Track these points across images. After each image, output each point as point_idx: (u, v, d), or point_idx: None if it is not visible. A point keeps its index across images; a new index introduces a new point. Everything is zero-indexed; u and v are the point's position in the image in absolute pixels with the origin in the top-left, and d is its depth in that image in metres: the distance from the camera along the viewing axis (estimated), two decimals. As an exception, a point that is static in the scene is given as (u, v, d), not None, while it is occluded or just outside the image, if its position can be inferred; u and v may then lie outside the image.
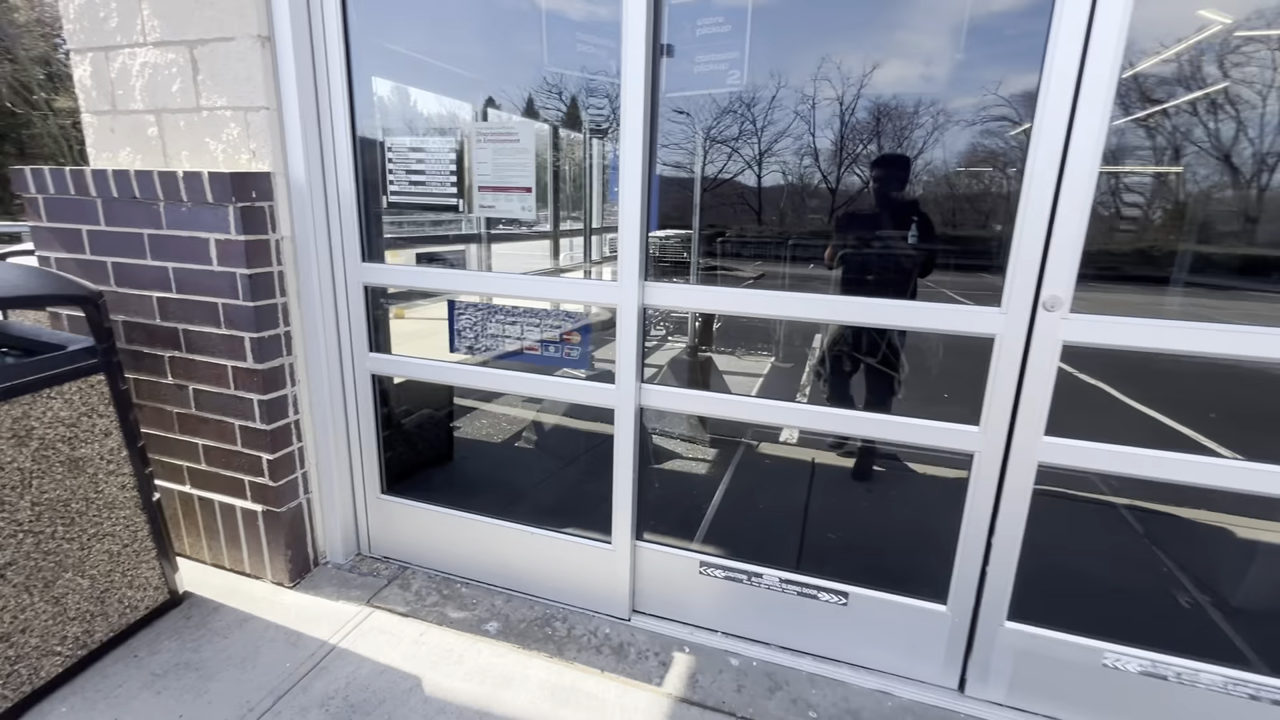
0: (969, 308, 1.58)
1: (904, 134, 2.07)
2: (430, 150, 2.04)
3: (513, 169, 1.95)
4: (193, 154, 2.15)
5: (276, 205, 2.09)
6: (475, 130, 1.96)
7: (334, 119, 2.09)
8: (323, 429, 2.33)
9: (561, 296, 1.97)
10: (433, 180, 2.06)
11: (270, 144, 2.04)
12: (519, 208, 1.97)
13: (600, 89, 2.27)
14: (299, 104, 2.03)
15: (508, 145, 1.93)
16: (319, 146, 2.12)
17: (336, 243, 2.20)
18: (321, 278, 2.20)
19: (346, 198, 2.15)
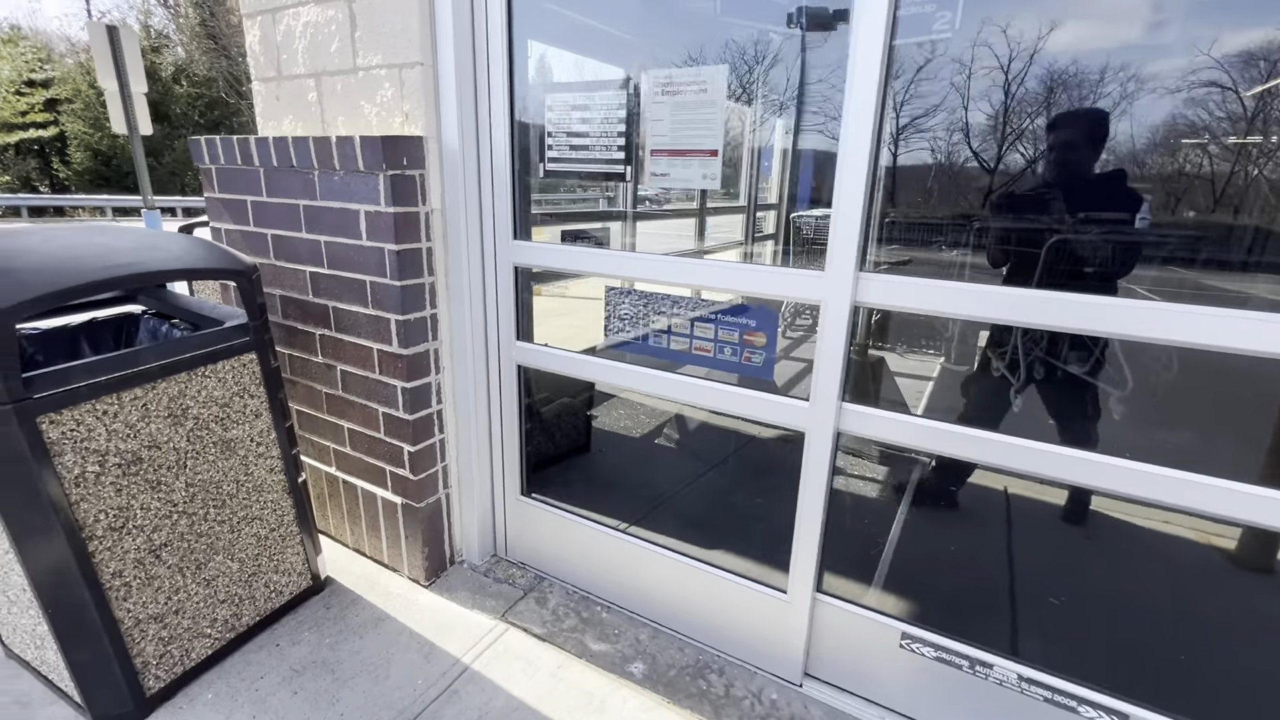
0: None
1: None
2: (596, 106, 1.71)
3: (696, 127, 1.57)
4: (348, 119, 2.01)
5: (428, 174, 1.88)
6: (653, 81, 1.59)
7: (491, 75, 1.83)
8: (465, 422, 2.15)
9: (750, 288, 1.58)
10: (597, 144, 1.74)
11: (423, 105, 1.82)
12: (700, 175, 1.59)
13: (778, 45, 1.81)
14: (455, 58, 1.79)
15: (692, 98, 1.55)
16: (474, 107, 1.88)
17: (488, 217, 1.96)
18: (470, 256, 1.98)
19: (500, 166, 1.89)
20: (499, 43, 1.79)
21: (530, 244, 1.93)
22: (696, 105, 1.56)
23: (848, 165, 1.36)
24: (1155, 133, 1.66)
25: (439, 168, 1.91)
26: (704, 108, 1.55)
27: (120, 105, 4.78)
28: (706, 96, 1.54)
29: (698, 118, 1.56)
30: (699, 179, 1.59)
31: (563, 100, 1.78)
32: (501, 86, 1.82)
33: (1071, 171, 1.62)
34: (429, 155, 1.87)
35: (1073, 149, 1.59)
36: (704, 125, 1.56)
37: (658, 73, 1.60)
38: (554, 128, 1.82)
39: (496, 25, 1.78)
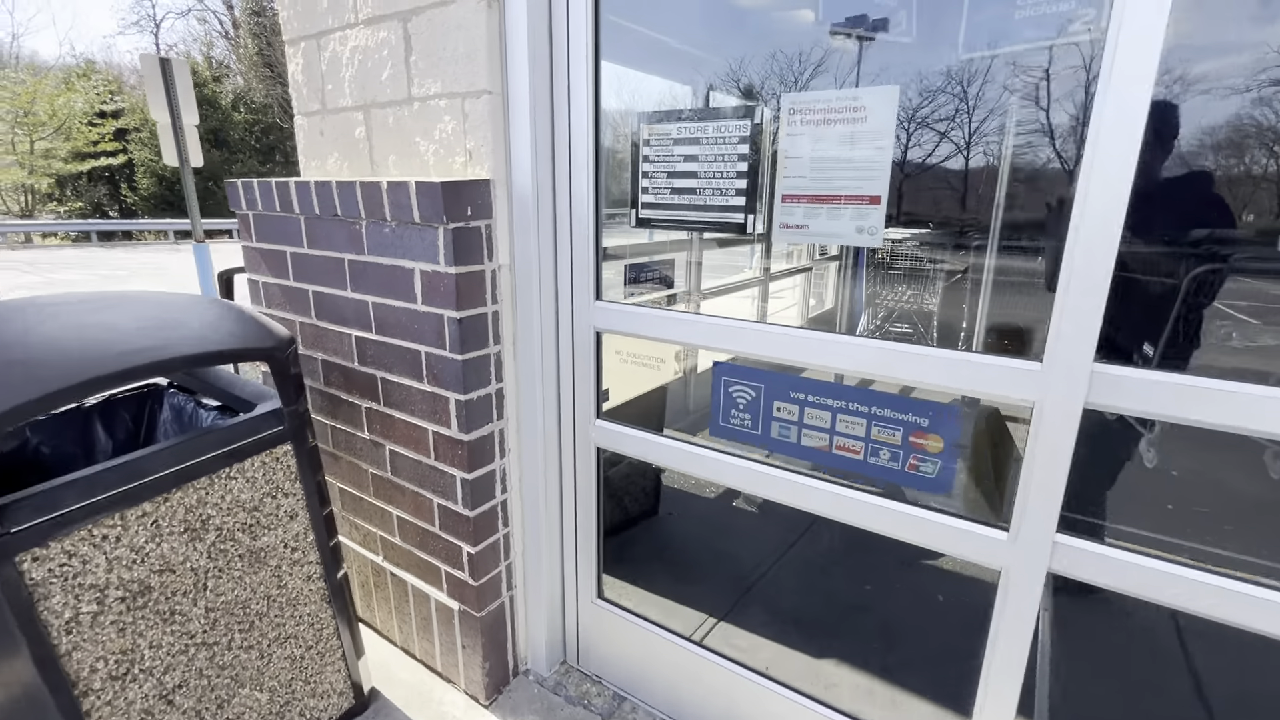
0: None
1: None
2: (709, 140, 1.35)
3: (849, 167, 1.19)
4: (400, 159, 1.70)
5: (495, 225, 1.55)
6: (790, 107, 1.22)
7: (572, 104, 1.49)
8: (533, 513, 1.80)
9: (921, 377, 1.18)
10: (708, 187, 1.37)
11: (491, 141, 1.50)
12: (852, 228, 1.21)
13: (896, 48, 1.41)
14: (529, 84, 1.46)
15: (844, 129, 1.17)
16: (550, 144, 1.55)
17: (565, 273, 1.62)
18: (544, 320, 1.64)
19: (582, 214, 1.55)
20: (582, 63, 1.45)
21: (615, 305, 1.58)
22: (851, 138, 1.18)
23: (1100, 195, 0.95)
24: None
25: (508, 217, 1.58)
26: (862, 141, 1.17)
27: (172, 137, 4.72)
28: (866, 127, 1.16)
29: (853, 155, 1.18)
30: (850, 233, 1.21)
31: (663, 133, 1.42)
32: (585, 117, 1.48)
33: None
34: (496, 202, 1.54)
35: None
36: (861, 165, 1.18)
37: (797, 97, 1.23)
38: (651, 166, 1.46)
39: (580, 42, 1.44)
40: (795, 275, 4.86)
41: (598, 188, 1.53)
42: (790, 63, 1.50)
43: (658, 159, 1.45)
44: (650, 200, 1.48)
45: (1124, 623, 2.23)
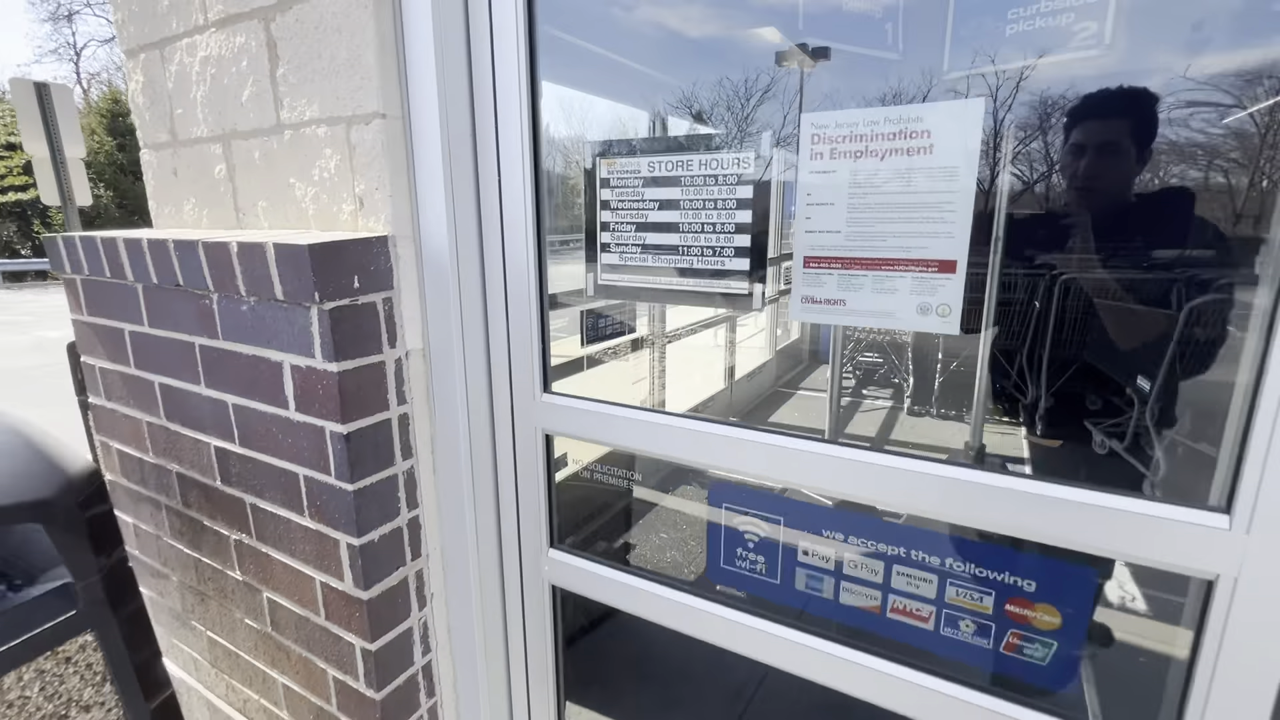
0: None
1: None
2: (694, 179, 0.96)
3: (906, 216, 0.81)
4: (272, 206, 1.26)
5: (399, 297, 1.12)
6: (811, 131, 0.84)
7: (501, 130, 1.08)
8: (469, 678, 1.33)
9: (1030, 527, 0.79)
10: (695, 245, 0.98)
11: (389, 182, 1.07)
12: (912, 306, 0.83)
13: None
14: (441, 105, 1.05)
15: (898, 161, 0.80)
16: (474, 184, 1.13)
17: (500, 358, 1.19)
18: (475, 422, 1.21)
19: (521, 276, 1.13)
20: (513, 72, 1.05)
21: (570, 402, 1.15)
22: (907, 175, 0.80)
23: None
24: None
25: (418, 285, 1.15)
26: (926, 179, 0.79)
27: (51, 172, 4.06)
28: (932, 160, 0.78)
29: (912, 199, 0.80)
30: (909, 312, 0.83)
31: (629, 170, 1.02)
32: (520, 146, 1.07)
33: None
34: (400, 266, 1.11)
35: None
36: (926, 213, 0.80)
37: (822, 119, 0.84)
38: (614, 215, 1.06)
39: (509, 44, 1.04)
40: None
41: (540, 242, 1.12)
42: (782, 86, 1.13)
43: (622, 205, 1.05)
44: (613, 262, 1.08)
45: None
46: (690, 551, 2.66)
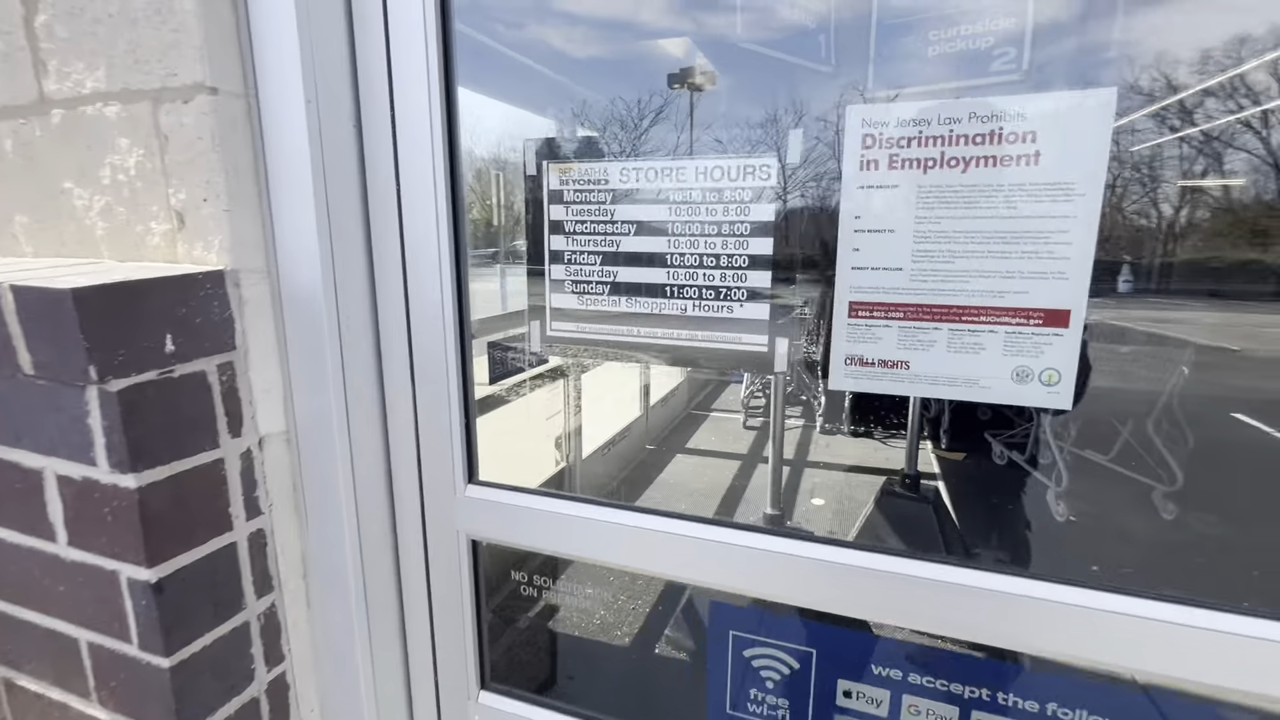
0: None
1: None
2: (688, 189, 0.68)
3: (996, 251, 0.58)
4: (38, 222, 0.83)
5: (246, 359, 0.75)
6: (863, 128, 0.60)
7: (401, 115, 0.76)
8: None
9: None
10: (691, 284, 0.70)
11: (224, 189, 0.71)
12: (1008, 371, 0.60)
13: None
14: (307, 75, 0.71)
15: (984, 173, 0.56)
16: (359, 192, 0.79)
17: (403, 440, 0.85)
18: (369, 531, 0.85)
19: (431, 322, 0.80)
20: (419, 27, 0.73)
21: (506, 496, 0.83)
22: (1001, 193, 0.58)
23: None
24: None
25: (275, 341, 0.78)
26: (1029, 199, 0.58)
27: None
28: (1037, 171, 0.57)
29: (1006, 226, 0.58)
30: (1002, 379, 0.61)
31: (593, 179, 0.73)
32: (430, 139, 0.75)
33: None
34: (245, 313, 0.74)
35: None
36: (1025, 245, 0.58)
37: (878, 113, 0.61)
38: (570, 243, 0.76)
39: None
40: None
41: (459, 272, 0.79)
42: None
43: (582, 228, 0.75)
44: (568, 305, 0.78)
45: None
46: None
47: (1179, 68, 0.67)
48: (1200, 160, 0.78)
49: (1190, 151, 0.77)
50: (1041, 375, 0.60)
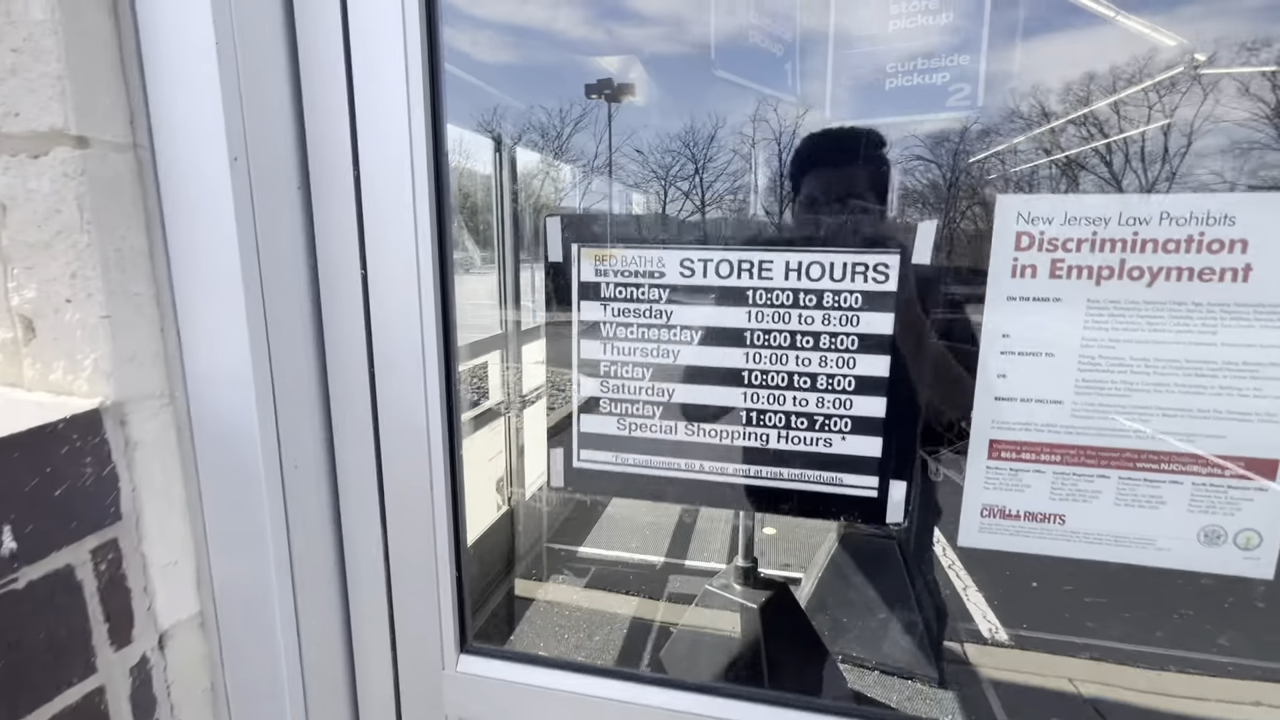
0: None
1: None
2: (774, 290, 0.52)
3: (1188, 384, 0.45)
4: None
5: (136, 534, 0.51)
6: (1018, 229, 0.46)
7: (370, 176, 0.55)
8: None
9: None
10: (773, 405, 0.54)
11: (100, 283, 0.47)
12: (1193, 531, 0.47)
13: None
14: (229, 114, 0.49)
15: (1176, 287, 0.44)
16: (307, 277, 0.57)
17: (372, 615, 0.63)
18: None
19: (411, 453, 0.59)
20: (398, 50, 0.52)
21: (517, 668, 0.63)
22: (1200, 313, 0.46)
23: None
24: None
25: (184, 493, 0.54)
26: (1230, 323, 0.45)
27: None
28: (1245, 293, 0.45)
29: (1202, 354, 0.46)
30: (1185, 539, 0.49)
31: (644, 271, 0.56)
32: (412, 205, 0.54)
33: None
34: (135, 465, 0.50)
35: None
36: (1229, 378, 0.46)
37: (1043, 205, 0.47)
38: (610, 350, 0.58)
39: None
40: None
41: (449, 384, 0.59)
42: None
43: (625, 332, 0.57)
44: (605, 431, 0.59)
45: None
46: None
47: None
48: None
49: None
50: (1237, 538, 0.48)
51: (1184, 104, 0.53)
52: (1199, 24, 0.53)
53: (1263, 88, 0.52)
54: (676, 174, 0.72)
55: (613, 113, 0.83)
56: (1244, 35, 0.52)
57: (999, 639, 2.05)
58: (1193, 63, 0.54)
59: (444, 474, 0.59)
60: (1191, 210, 0.45)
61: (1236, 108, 0.53)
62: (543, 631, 2.29)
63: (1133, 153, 0.53)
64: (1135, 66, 0.55)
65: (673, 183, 0.72)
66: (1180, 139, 0.52)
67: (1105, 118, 0.56)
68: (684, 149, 0.75)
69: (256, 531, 0.55)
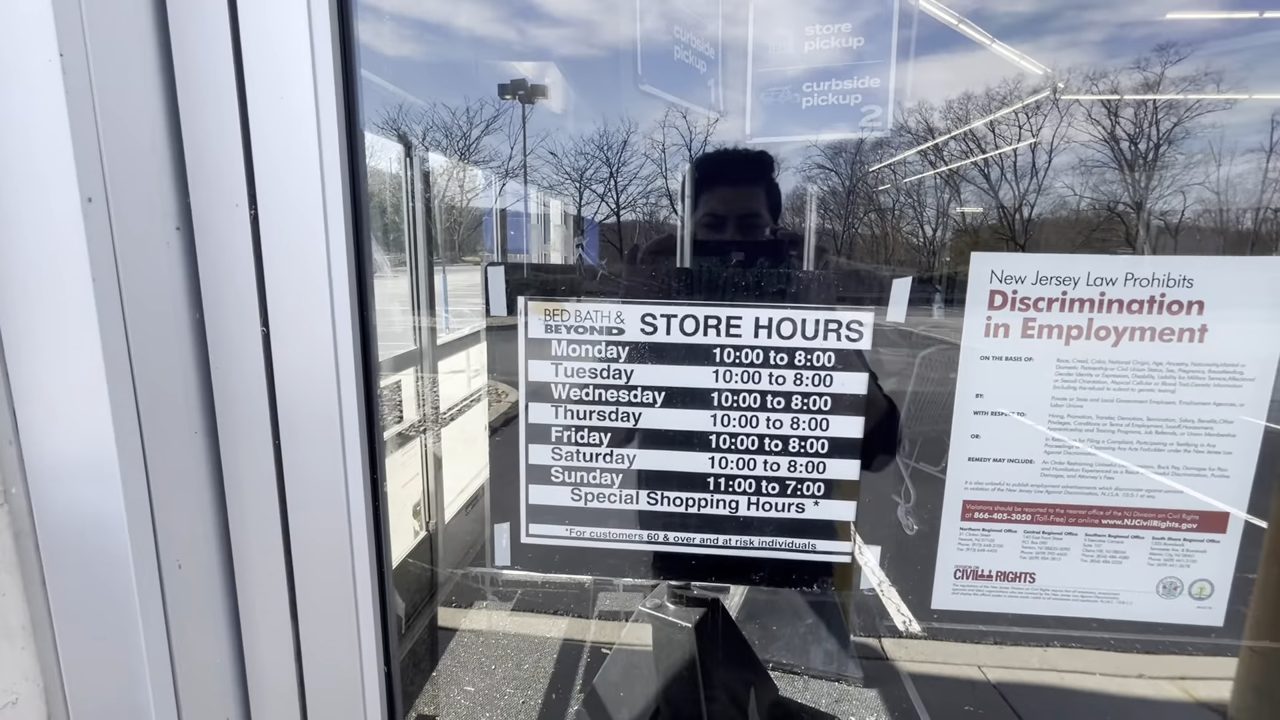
0: None
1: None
2: (742, 348, 0.48)
3: (1151, 437, 0.46)
4: None
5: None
6: (991, 287, 0.45)
7: (269, 204, 0.46)
8: None
9: None
10: (741, 470, 0.50)
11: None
12: (1151, 585, 0.50)
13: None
14: (78, 141, 0.39)
15: (1146, 347, 0.44)
16: (191, 344, 0.47)
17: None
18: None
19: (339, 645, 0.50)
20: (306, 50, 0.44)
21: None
22: (1161, 373, 0.46)
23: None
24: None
25: (28, 615, 0.43)
26: (1188, 382, 0.46)
27: None
28: (1202, 352, 0.46)
29: (1163, 413, 0.47)
30: (1144, 593, 0.51)
31: (598, 327, 0.50)
32: (324, 248, 0.46)
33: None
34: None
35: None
36: (1186, 435, 0.47)
37: (1015, 263, 0.46)
38: (560, 413, 0.52)
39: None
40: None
41: (374, 463, 0.51)
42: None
43: (581, 395, 0.51)
44: (553, 502, 0.53)
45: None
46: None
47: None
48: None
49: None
50: (1192, 588, 0.49)
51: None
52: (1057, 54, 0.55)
53: (1101, 114, 0.55)
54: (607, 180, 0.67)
55: (534, 119, 0.78)
56: (1089, 67, 0.55)
57: (913, 631, 2.14)
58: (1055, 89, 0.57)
59: (368, 557, 0.50)
60: (1154, 271, 0.45)
61: (1082, 130, 0.55)
62: (468, 664, 2.16)
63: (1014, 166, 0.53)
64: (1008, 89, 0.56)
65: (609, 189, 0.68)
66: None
67: (983, 135, 0.58)
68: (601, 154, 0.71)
69: (129, 652, 0.44)
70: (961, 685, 1.89)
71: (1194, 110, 1.74)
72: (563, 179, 1.19)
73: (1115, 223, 2.37)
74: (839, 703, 1.83)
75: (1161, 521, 0.49)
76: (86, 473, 0.42)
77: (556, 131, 1.02)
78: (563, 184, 1.19)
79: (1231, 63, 1.38)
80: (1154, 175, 2.09)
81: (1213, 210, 1.90)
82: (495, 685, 2.09)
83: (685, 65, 0.63)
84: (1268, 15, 1.09)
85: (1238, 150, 1.75)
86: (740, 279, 0.48)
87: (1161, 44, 1.57)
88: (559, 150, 1.11)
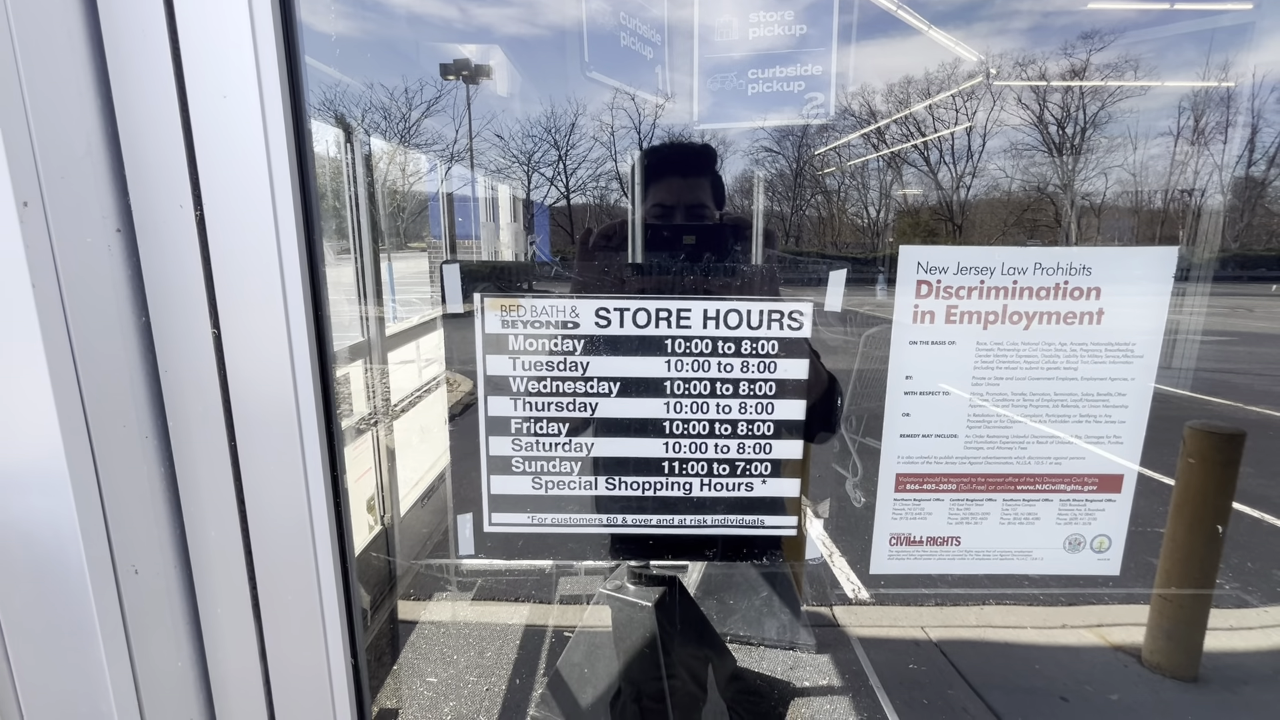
0: None
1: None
2: (692, 337, 0.51)
3: (1058, 409, 0.52)
4: None
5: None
6: (917, 277, 0.49)
7: (215, 207, 0.45)
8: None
9: None
10: (695, 453, 0.53)
11: None
12: (1059, 542, 0.57)
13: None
14: (10, 145, 0.38)
15: (1053, 329, 0.49)
16: (138, 351, 0.46)
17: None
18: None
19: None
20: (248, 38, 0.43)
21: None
22: (1066, 352, 0.52)
23: None
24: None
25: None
26: (1088, 359, 0.52)
27: None
28: (1099, 333, 0.52)
29: (1068, 389, 0.52)
30: (1053, 549, 0.57)
31: (553, 320, 0.52)
32: (276, 251, 0.46)
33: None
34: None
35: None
36: (1087, 407, 0.53)
37: (938, 255, 0.50)
38: (520, 405, 0.53)
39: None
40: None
41: (335, 459, 0.51)
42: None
43: (539, 387, 0.53)
44: (515, 491, 0.55)
45: None
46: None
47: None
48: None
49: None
50: (1093, 543, 0.55)
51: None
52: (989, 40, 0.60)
53: (1030, 99, 0.60)
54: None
55: (479, 101, 0.78)
56: (1019, 53, 0.59)
57: (861, 598, 2.26)
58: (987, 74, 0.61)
59: (331, 552, 0.51)
60: (1058, 261, 0.50)
61: (1013, 114, 0.60)
62: (429, 656, 2.16)
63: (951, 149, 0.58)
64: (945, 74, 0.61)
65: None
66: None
67: (922, 119, 0.63)
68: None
69: (87, 660, 0.44)
70: (907, 646, 2.01)
71: (1115, 95, 1.87)
72: (510, 162, 1.18)
73: (1045, 203, 2.51)
74: (793, 669, 1.92)
75: (1067, 485, 0.54)
76: (35, 482, 0.41)
77: (502, 114, 1.01)
78: (510, 168, 1.18)
79: (1146, 50, 1.48)
80: (1079, 159, 2.22)
81: (1130, 191, 2.02)
82: (458, 675, 2.10)
83: (632, 52, 0.64)
84: (1178, 7, 1.18)
85: (1151, 134, 1.87)
86: (689, 272, 0.51)
87: (1085, 32, 1.67)
88: (505, 133, 1.11)
